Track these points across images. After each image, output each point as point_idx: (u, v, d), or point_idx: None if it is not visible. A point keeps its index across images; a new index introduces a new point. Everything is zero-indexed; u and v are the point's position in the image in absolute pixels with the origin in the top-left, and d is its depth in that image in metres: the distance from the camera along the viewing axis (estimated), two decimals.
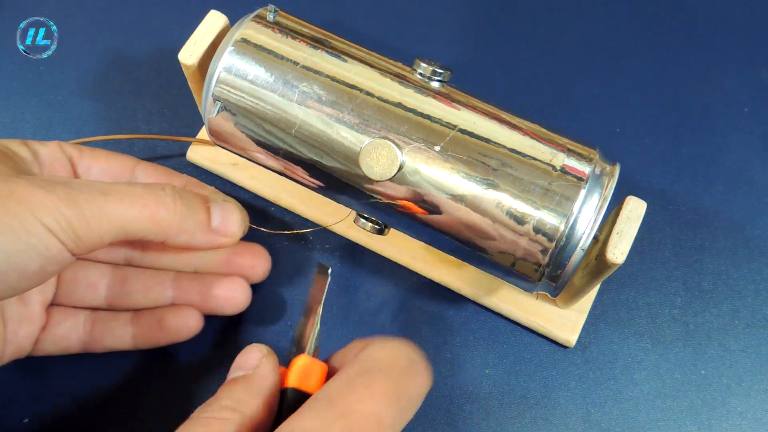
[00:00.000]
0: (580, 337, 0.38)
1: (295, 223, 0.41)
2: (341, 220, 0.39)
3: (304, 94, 0.31)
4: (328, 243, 0.41)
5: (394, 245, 0.40)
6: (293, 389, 0.27)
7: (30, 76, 0.45)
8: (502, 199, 0.30)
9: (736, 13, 0.48)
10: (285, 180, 0.35)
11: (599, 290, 0.39)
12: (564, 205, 0.29)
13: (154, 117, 0.44)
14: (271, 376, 0.28)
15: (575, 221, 0.29)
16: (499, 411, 0.37)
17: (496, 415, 0.37)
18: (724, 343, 0.39)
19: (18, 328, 0.33)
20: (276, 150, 0.33)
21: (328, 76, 0.32)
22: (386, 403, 0.24)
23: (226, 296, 0.36)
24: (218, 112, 0.33)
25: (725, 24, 0.48)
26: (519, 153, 0.30)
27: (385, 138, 0.31)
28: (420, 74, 0.32)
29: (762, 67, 0.47)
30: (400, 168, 0.30)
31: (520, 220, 0.30)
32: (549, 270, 0.30)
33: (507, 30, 0.48)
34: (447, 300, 0.39)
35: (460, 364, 0.38)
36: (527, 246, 0.30)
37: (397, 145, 0.30)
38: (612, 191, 0.30)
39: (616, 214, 0.32)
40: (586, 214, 0.30)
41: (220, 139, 0.34)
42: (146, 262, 0.37)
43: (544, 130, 0.32)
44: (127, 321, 0.36)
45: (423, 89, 0.32)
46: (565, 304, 0.38)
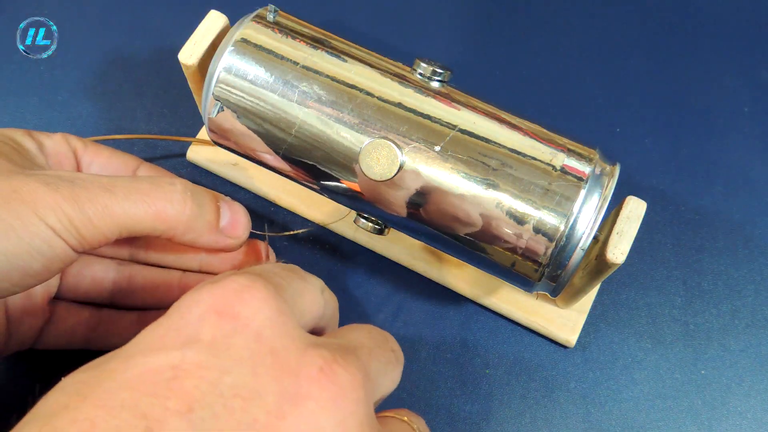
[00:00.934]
0: (580, 337, 0.38)
1: (295, 224, 0.41)
2: (340, 219, 0.39)
3: (304, 94, 0.31)
4: (328, 243, 0.41)
5: (394, 245, 0.40)
6: None
7: (30, 76, 0.45)
8: (502, 199, 0.30)
9: (736, 13, 0.48)
10: (285, 180, 0.35)
11: (599, 290, 0.39)
12: (564, 205, 0.29)
13: (154, 117, 0.44)
14: None
15: (575, 221, 0.29)
16: (499, 411, 0.37)
17: (496, 415, 0.37)
18: (724, 343, 0.39)
19: (21, 321, 0.33)
20: (276, 150, 0.33)
21: (328, 76, 0.32)
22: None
23: None
24: (218, 112, 0.33)
25: (725, 24, 0.48)
26: (519, 153, 0.30)
27: (385, 138, 0.31)
28: (420, 74, 0.32)
29: (762, 67, 0.47)
30: (400, 168, 0.30)
31: (520, 220, 0.30)
32: (549, 270, 0.30)
33: (507, 30, 0.48)
34: (447, 300, 0.39)
35: (460, 364, 0.38)
36: (527, 246, 0.30)
37: (397, 145, 0.30)
38: (612, 191, 0.30)
39: (616, 214, 0.32)
40: (586, 214, 0.30)
41: (220, 139, 0.34)
42: (151, 259, 0.36)
43: (544, 130, 0.32)
44: (134, 320, 0.36)
45: (423, 89, 0.32)
46: (565, 304, 0.38)
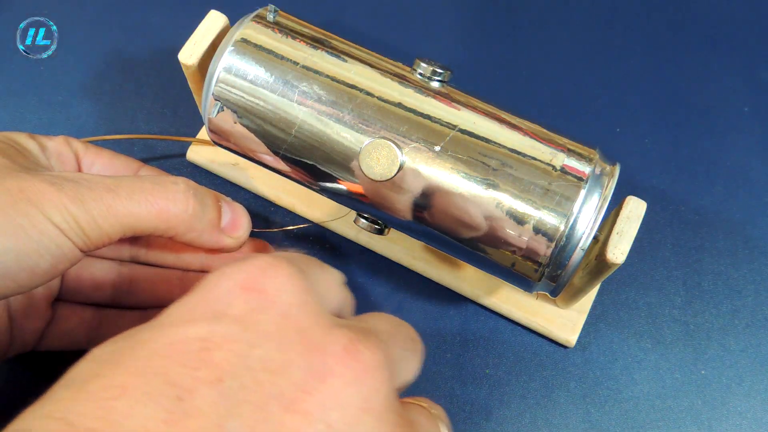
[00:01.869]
0: (580, 337, 0.38)
1: (295, 223, 0.41)
2: (339, 218, 0.39)
3: (304, 94, 0.31)
4: (328, 243, 0.41)
5: (394, 245, 0.40)
6: None
7: (30, 76, 0.45)
8: (502, 199, 0.30)
9: (736, 13, 0.48)
10: (285, 180, 0.35)
11: (599, 290, 0.39)
12: (564, 205, 0.29)
13: (154, 117, 0.44)
14: None
15: (575, 221, 0.29)
16: (499, 411, 0.37)
17: (496, 415, 0.37)
18: (724, 343, 0.39)
19: (24, 323, 0.33)
20: (276, 150, 0.33)
21: (328, 76, 0.32)
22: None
23: None
24: (218, 112, 0.33)
25: (725, 24, 0.48)
26: (519, 153, 0.30)
27: (385, 138, 0.31)
28: (420, 74, 0.32)
29: (762, 67, 0.47)
30: (400, 168, 0.30)
31: (520, 220, 0.30)
32: (549, 270, 0.30)
33: (507, 30, 0.48)
34: (447, 300, 0.39)
35: (460, 364, 0.38)
36: (527, 246, 0.30)
37: (397, 145, 0.30)
38: (612, 191, 0.30)
39: (616, 214, 0.32)
40: (586, 214, 0.30)
41: (220, 139, 0.34)
42: (152, 259, 0.36)
43: (544, 130, 0.32)
44: (136, 320, 0.35)
45: (423, 89, 0.32)
46: (565, 304, 0.38)
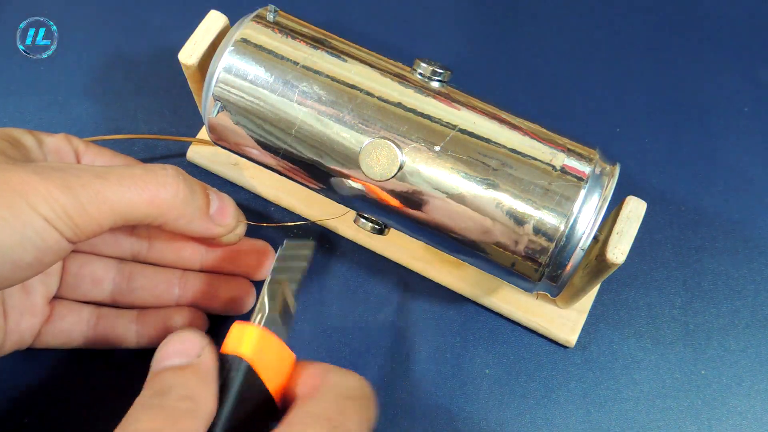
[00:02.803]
0: (580, 337, 0.38)
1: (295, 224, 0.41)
2: (338, 216, 0.39)
3: (304, 94, 0.31)
4: (328, 243, 0.41)
5: (394, 245, 0.40)
6: (247, 364, 0.27)
7: (30, 76, 0.45)
8: (502, 199, 0.30)
9: (736, 13, 0.48)
10: (285, 180, 0.35)
11: (599, 290, 0.39)
12: (564, 205, 0.29)
13: (154, 117, 0.44)
14: (213, 366, 0.27)
15: (575, 221, 0.29)
16: (499, 411, 0.37)
17: (496, 415, 0.37)
18: (724, 343, 0.39)
19: (20, 320, 0.33)
20: (276, 150, 0.33)
21: (328, 76, 0.32)
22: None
23: (232, 298, 0.36)
24: (218, 111, 0.33)
25: (725, 24, 0.48)
26: (519, 153, 0.30)
27: (385, 138, 0.31)
28: (420, 74, 0.32)
29: (762, 67, 0.47)
30: (400, 168, 0.30)
31: (520, 220, 0.30)
32: (549, 270, 0.30)
33: (507, 30, 0.48)
34: (447, 300, 0.39)
35: (460, 364, 0.38)
36: (527, 246, 0.30)
37: (397, 145, 0.30)
38: (612, 191, 0.30)
39: (616, 214, 0.32)
40: (586, 214, 0.30)
41: (220, 139, 0.34)
42: (152, 256, 0.36)
43: (544, 130, 0.32)
44: (133, 319, 0.36)
45: (423, 89, 0.32)
46: (565, 304, 0.38)
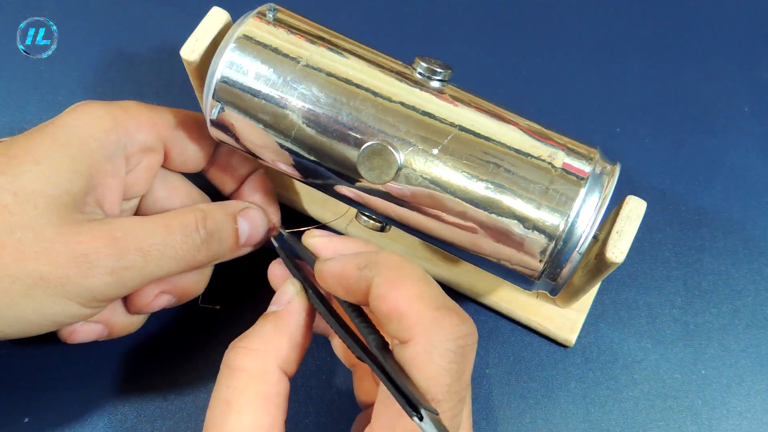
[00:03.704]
0: (580, 337, 0.38)
1: (296, 221, 0.41)
2: (339, 217, 0.39)
3: (305, 91, 0.31)
4: None
5: (394, 243, 0.40)
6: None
7: (30, 76, 0.45)
8: (501, 198, 0.30)
9: (736, 13, 0.48)
10: (286, 177, 0.35)
11: (599, 290, 0.39)
12: (564, 205, 0.29)
13: None
14: (298, 314, 0.29)
15: (575, 220, 0.29)
16: (499, 411, 0.37)
17: (496, 415, 0.37)
18: (724, 343, 0.39)
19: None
20: (277, 148, 0.33)
21: (329, 74, 0.32)
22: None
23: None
24: (220, 109, 0.33)
25: (725, 24, 0.48)
26: (519, 152, 0.30)
27: (384, 140, 0.31)
28: (420, 73, 0.32)
29: (762, 67, 0.47)
30: (400, 168, 0.30)
31: (520, 218, 0.30)
32: (548, 269, 0.30)
33: (508, 30, 0.48)
34: None
35: None
36: (527, 245, 0.30)
37: (396, 148, 0.30)
38: (612, 191, 0.30)
39: (616, 214, 0.32)
40: (586, 213, 0.30)
41: (222, 136, 0.34)
42: None
43: (545, 129, 0.31)
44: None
45: (423, 88, 0.32)
46: (564, 304, 0.38)
